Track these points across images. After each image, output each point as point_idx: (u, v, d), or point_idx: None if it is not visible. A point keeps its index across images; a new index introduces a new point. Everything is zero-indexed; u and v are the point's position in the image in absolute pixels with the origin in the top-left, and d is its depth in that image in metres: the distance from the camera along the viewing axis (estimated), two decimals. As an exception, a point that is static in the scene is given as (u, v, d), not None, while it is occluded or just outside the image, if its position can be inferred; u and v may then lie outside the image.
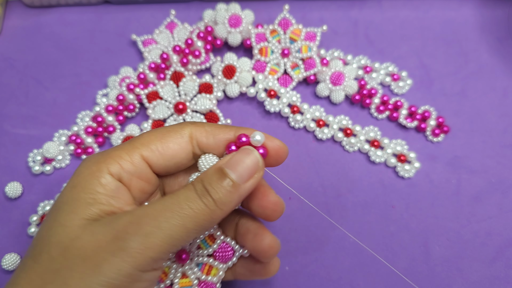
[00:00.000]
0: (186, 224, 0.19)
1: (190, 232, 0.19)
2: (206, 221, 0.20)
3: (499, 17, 0.37)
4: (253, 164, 0.21)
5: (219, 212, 0.20)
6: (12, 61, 0.36)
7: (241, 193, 0.21)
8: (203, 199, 0.20)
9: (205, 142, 0.23)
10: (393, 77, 0.35)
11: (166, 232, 0.19)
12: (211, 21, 0.35)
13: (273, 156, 0.23)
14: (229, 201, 0.20)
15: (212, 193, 0.20)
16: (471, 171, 0.32)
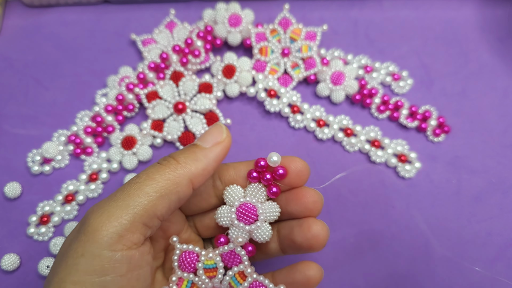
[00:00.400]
0: (145, 189, 0.20)
1: (151, 196, 0.20)
2: (168, 181, 0.20)
3: (500, 17, 0.37)
4: (217, 132, 0.23)
5: (180, 170, 0.21)
6: (12, 61, 0.36)
7: (206, 153, 0.22)
8: (163, 163, 0.21)
9: (226, 174, 0.24)
10: (394, 77, 0.35)
11: (122, 202, 0.19)
12: (210, 20, 0.35)
13: (295, 175, 0.23)
14: (193, 159, 0.21)
15: (174, 155, 0.21)
16: (471, 171, 0.32)
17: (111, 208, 0.19)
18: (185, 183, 0.21)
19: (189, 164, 0.21)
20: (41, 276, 0.29)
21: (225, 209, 0.24)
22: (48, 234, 0.30)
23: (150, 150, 0.32)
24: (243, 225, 0.23)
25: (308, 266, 0.23)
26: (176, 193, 0.20)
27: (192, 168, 0.21)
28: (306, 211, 0.23)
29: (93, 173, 0.32)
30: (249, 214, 0.23)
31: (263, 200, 0.24)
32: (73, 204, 0.31)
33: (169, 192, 0.20)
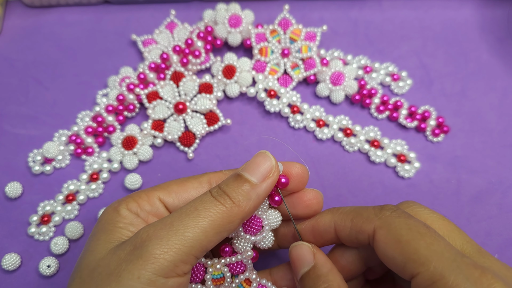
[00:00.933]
0: (202, 224, 0.20)
1: (208, 232, 0.20)
2: (224, 220, 0.20)
3: (499, 17, 0.37)
4: (268, 165, 0.22)
5: (236, 210, 0.21)
6: (12, 61, 0.36)
7: (259, 192, 0.21)
8: (219, 199, 0.21)
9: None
10: (393, 77, 0.35)
11: (182, 234, 0.19)
12: (211, 21, 0.35)
13: (296, 180, 0.24)
14: (247, 199, 0.21)
15: (229, 193, 0.21)
16: (471, 171, 0.32)
17: (170, 237, 0.19)
18: (238, 222, 0.21)
19: (244, 204, 0.21)
20: (41, 276, 0.29)
21: None
22: (49, 234, 0.30)
23: (151, 150, 0.32)
24: (249, 237, 0.23)
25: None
26: (229, 230, 0.21)
27: (246, 209, 0.21)
28: (310, 211, 0.24)
29: (93, 173, 0.32)
30: (254, 225, 0.23)
31: (266, 209, 0.24)
32: (74, 204, 0.31)
33: (223, 230, 0.21)
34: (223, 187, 0.21)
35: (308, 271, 0.22)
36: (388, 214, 0.21)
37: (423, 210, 0.22)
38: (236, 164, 0.32)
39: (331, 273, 0.22)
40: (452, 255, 0.18)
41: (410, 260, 0.18)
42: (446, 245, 0.19)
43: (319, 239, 0.24)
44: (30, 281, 0.29)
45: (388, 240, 0.20)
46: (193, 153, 0.33)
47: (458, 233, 0.21)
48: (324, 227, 0.23)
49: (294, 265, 0.23)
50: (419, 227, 0.19)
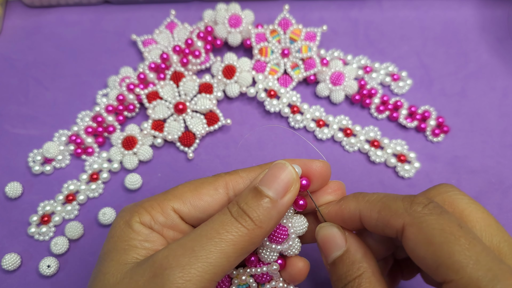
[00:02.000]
0: (225, 249, 0.19)
1: (231, 257, 0.19)
2: (246, 242, 0.19)
3: (499, 17, 0.37)
4: (288, 178, 0.20)
5: (258, 232, 0.20)
6: (12, 61, 0.36)
7: (280, 209, 0.20)
8: (240, 220, 0.20)
9: (242, 189, 0.22)
10: (393, 77, 0.35)
11: (204, 260, 0.18)
12: (211, 21, 0.35)
13: (318, 180, 0.22)
14: (268, 219, 0.20)
15: (249, 213, 0.20)
16: (471, 171, 0.32)
17: (192, 264, 0.18)
18: (260, 242, 0.20)
19: (265, 224, 0.20)
20: (41, 276, 0.29)
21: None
22: (49, 234, 0.30)
23: (151, 150, 0.32)
24: (275, 246, 0.22)
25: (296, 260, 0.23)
26: (250, 251, 0.20)
27: (268, 229, 0.20)
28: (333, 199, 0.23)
29: (93, 173, 0.32)
30: (280, 234, 0.22)
31: (291, 215, 0.22)
32: (74, 204, 0.31)
33: (245, 252, 0.20)
34: (243, 205, 0.20)
35: (341, 255, 0.21)
36: (419, 209, 0.19)
37: (461, 198, 0.20)
38: (236, 164, 0.32)
39: (366, 258, 0.21)
40: (489, 262, 0.17)
41: (443, 265, 0.17)
42: (482, 249, 0.17)
43: (343, 226, 0.22)
44: (30, 281, 0.29)
45: (419, 240, 0.18)
46: (193, 153, 0.33)
47: (496, 229, 0.19)
48: (349, 214, 0.21)
49: (324, 247, 0.22)
50: (453, 228, 0.18)
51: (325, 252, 0.22)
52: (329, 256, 0.21)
